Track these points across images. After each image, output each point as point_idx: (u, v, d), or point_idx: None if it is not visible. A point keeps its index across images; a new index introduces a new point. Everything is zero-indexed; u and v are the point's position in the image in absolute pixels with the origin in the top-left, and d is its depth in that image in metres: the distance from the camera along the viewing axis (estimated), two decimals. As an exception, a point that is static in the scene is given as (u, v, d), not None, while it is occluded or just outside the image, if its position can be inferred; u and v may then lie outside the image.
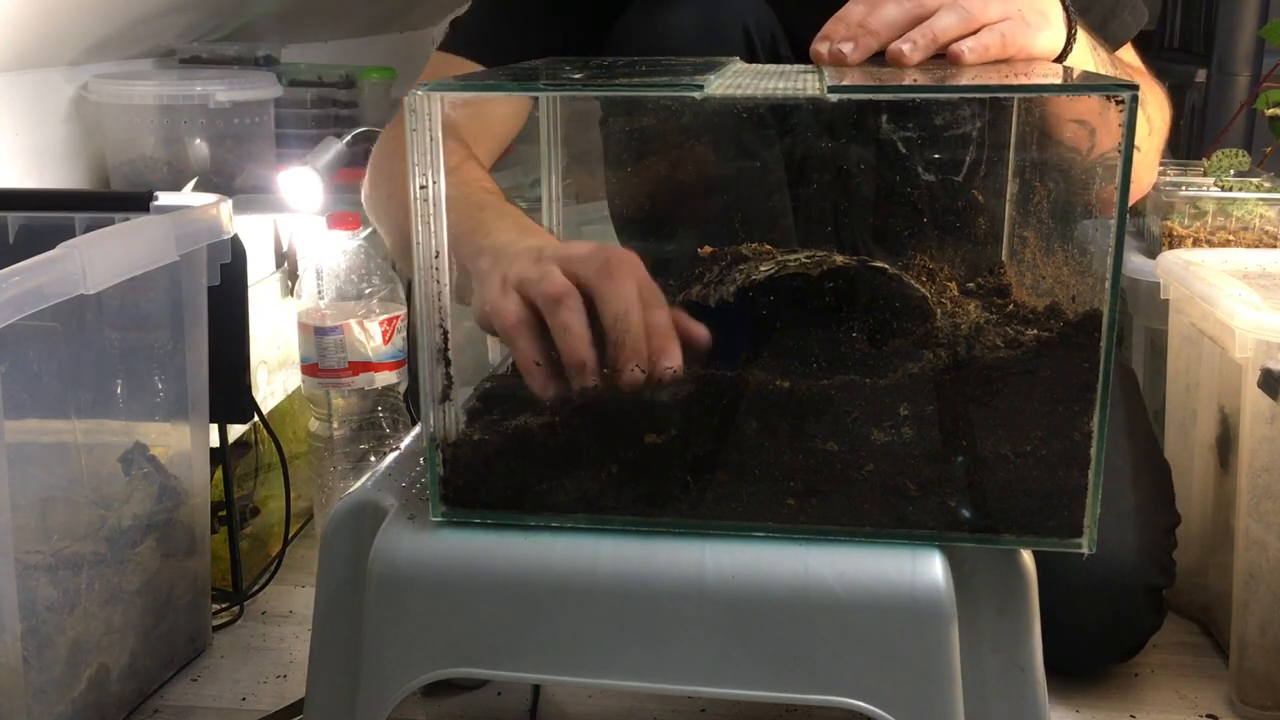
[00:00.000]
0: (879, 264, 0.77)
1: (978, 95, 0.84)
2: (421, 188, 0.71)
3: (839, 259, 0.77)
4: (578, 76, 0.77)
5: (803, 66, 0.90)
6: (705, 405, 0.72)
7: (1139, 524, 1.02)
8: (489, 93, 0.75)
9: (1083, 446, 0.69)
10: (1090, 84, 0.68)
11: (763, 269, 0.77)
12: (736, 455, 0.72)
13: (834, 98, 0.69)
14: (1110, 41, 1.09)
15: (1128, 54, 1.12)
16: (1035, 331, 0.74)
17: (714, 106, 0.93)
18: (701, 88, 0.69)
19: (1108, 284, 0.67)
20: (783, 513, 0.72)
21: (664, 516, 0.73)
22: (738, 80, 0.79)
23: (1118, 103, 0.64)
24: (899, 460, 0.71)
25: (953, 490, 0.71)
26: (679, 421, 0.72)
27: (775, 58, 1.15)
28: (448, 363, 0.74)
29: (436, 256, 0.73)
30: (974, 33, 0.78)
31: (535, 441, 0.74)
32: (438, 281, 0.73)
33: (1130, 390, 1.15)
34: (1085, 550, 0.70)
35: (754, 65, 0.93)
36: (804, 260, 0.77)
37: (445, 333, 0.74)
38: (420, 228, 0.72)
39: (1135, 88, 0.63)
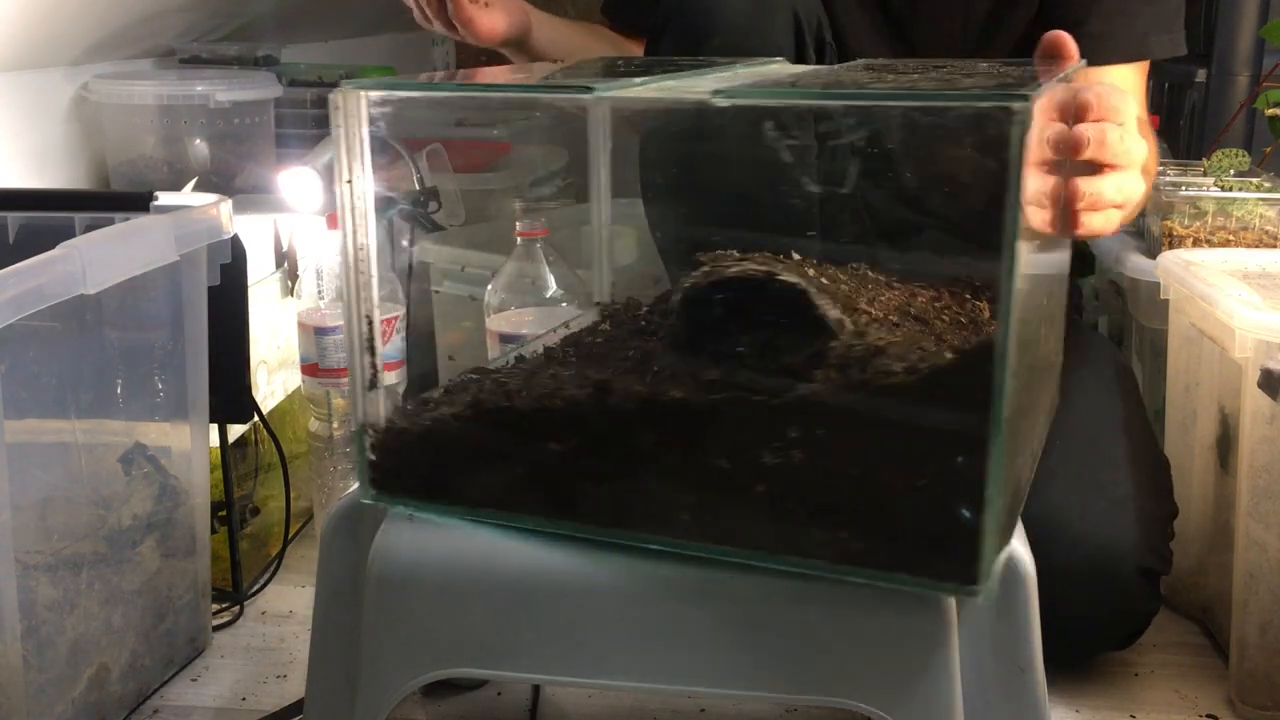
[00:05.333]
0: (791, 279, 0.76)
1: (864, 104, 0.82)
2: (347, 181, 0.72)
3: (756, 268, 0.77)
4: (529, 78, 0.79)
5: (805, 70, 0.89)
6: (604, 412, 0.72)
7: (1135, 510, 1.02)
8: (409, 92, 0.77)
9: (976, 487, 0.64)
10: (980, 95, 0.63)
11: (702, 275, 0.78)
12: (634, 464, 0.71)
13: (719, 102, 0.68)
14: (1143, 54, 1.11)
15: (1138, 84, 1.13)
16: (929, 364, 0.70)
17: (713, 110, 0.95)
18: (592, 90, 0.69)
19: (1002, 315, 0.62)
20: (677, 527, 0.70)
21: (566, 520, 0.73)
22: (693, 82, 0.78)
23: (1009, 114, 0.59)
24: (789, 484, 0.68)
25: (844, 521, 0.67)
26: (579, 426, 0.72)
27: (820, 44, 1.16)
28: (373, 352, 0.76)
29: (362, 248, 0.74)
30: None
31: (449, 435, 0.75)
32: (362, 272, 0.75)
33: (1128, 385, 1.15)
34: (981, 601, 0.66)
35: (766, 67, 0.92)
36: (733, 269, 0.78)
37: (371, 322, 0.76)
38: (345, 219, 0.73)
39: (1026, 99, 0.58)
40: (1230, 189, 1.28)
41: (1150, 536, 1.03)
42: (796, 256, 0.84)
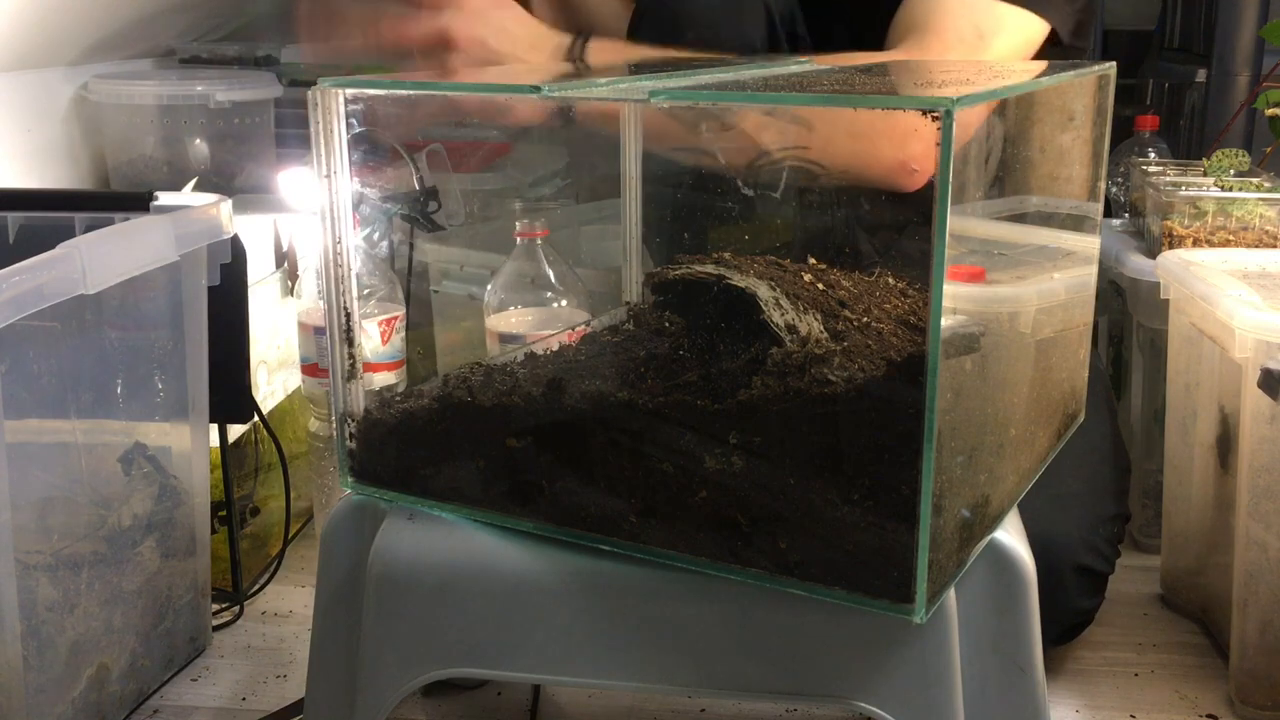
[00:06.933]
0: (741, 284, 0.76)
1: (793, 103, 0.82)
2: (325, 176, 0.74)
3: (707, 270, 0.77)
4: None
5: (767, 71, 0.89)
6: (556, 410, 0.73)
7: (1074, 507, 1.02)
8: (379, 89, 0.81)
9: (909, 503, 0.63)
10: (906, 98, 0.61)
11: (648, 277, 0.78)
12: (585, 465, 0.72)
13: (655, 102, 0.68)
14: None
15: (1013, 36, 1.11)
16: (867, 375, 0.69)
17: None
18: (539, 89, 0.70)
19: (929, 327, 0.60)
20: (625, 529, 0.71)
21: (524, 517, 0.74)
22: (625, 83, 0.78)
23: (934, 118, 0.57)
24: (729, 491, 0.68)
25: (783, 532, 0.67)
26: (534, 424, 0.73)
27: (794, 37, 1.17)
28: (351, 343, 0.78)
29: (339, 242, 0.76)
30: None
31: (417, 427, 0.76)
32: (341, 265, 0.77)
33: (1096, 385, 1.15)
34: (917, 621, 0.65)
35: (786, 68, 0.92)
36: (678, 271, 0.79)
37: (349, 315, 0.77)
38: (324, 214, 0.75)
39: (952, 101, 0.57)
40: (1230, 189, 1.27)
41: (1087, 534, 1.03)
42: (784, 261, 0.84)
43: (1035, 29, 1.10)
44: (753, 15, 1.14)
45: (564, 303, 1.14)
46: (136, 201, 1.04)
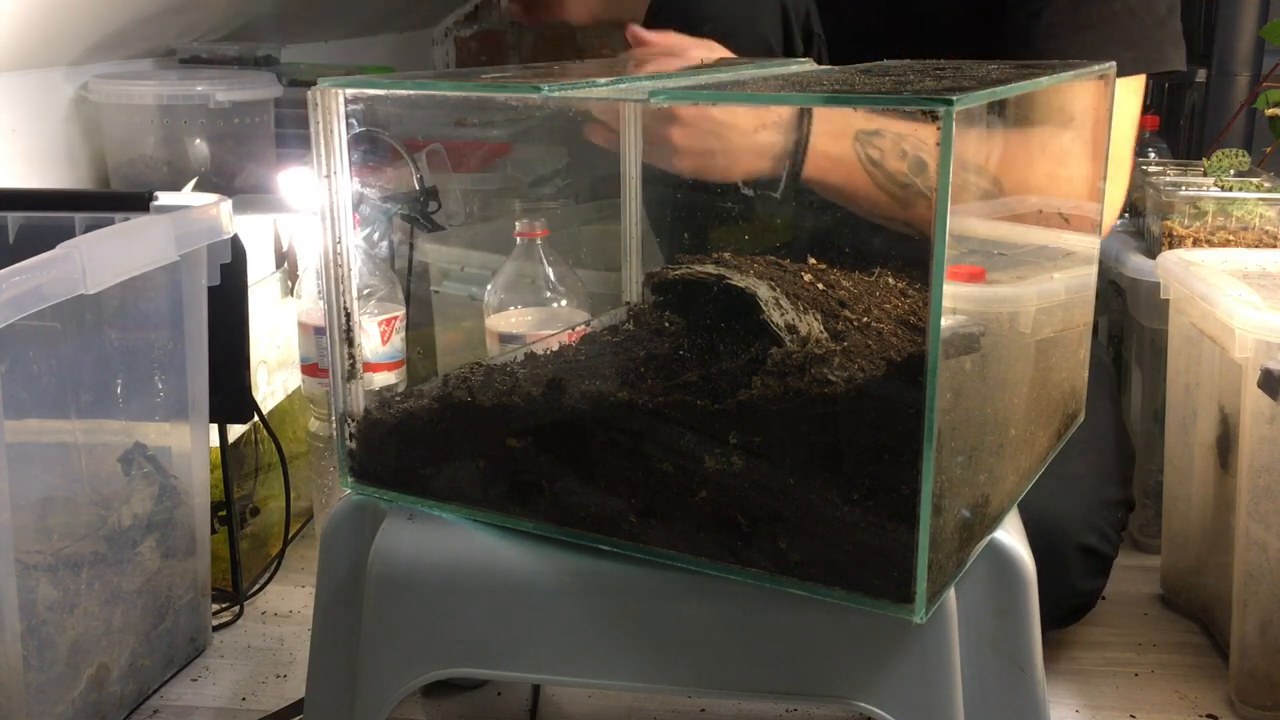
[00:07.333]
0: (741, 284, 0.76)
1: (789, 104, 0.82)
2: (325, 176, 0.74)
3: (707, 270, 0.77)
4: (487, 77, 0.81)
5: (781, 72, 0.89)
6: (556, 410, 0.73)
7: (1078, 489, 1.02)
8: (378, 90, 0.82)
9: (909, 503, 0.63)
10: (906, 98, 0.61)
11: (648, 277, 0.78)
12: (585, 465, 0.72)
13: (654, 101, 0.68)
14: (1133, 68, 1.09)
15: (1133, 103, 1.11)
16: (867, 375, 0.69)
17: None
18: (540, 89, 0.70)
19: (929, 327, 0.60)
20: (625, 529, 0.71)
21: (525, 517, 0.74)
22: (632, 83, 0.78)
23: (934, 118, 0.57)
24: (729, 491, 0.68)
25: (783, 532, 0.67)
26: (534, 424, 0.73)
27: (808, 35, 1.17)
28: (351, 343, 0.78)
29: (339, 242, 0.76)
30: None
31: (417, 427, 0.76)
32: (341, 265, 0.77)
33: (1100, 376, 1.15)
34: (917, 621, 0.65)
35: (786, 69, 0.92)
36: (677, 271, 0.79)
37: (349, 315, 0.78)
38: (324, 214, 0.75)
39: (950, 102, 0.57)
40: (1230, 189, 1.27)
41: (1091, 515, 1.02)
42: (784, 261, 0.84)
43: (1146, 79, 1.13)
44: (769, 14, 1.14)
45: (564, 303, 1.14)
46: (136, 201, 1.05)
